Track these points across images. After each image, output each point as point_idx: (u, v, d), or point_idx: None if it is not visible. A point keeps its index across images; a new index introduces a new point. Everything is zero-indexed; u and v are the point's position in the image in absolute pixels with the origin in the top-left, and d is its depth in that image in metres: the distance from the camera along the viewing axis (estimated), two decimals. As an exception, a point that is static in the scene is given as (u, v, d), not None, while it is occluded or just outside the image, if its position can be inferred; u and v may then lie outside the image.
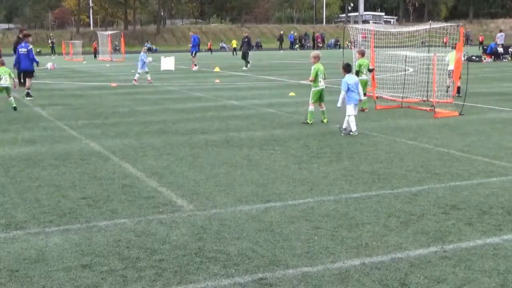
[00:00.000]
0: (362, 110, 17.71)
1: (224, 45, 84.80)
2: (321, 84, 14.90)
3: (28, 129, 14.87)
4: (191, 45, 39.27)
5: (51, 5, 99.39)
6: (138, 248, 6.50)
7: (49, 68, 41.64)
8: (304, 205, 8.07)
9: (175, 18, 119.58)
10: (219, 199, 8.42)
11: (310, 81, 15.07)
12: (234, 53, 65.56)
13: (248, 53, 40.00)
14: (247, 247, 6.50)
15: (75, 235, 6.94)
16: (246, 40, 40.96)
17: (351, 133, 13.53)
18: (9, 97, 18.48)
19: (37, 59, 23.69)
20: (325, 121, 15.18)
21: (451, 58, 20.47)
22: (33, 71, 23.74)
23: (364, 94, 17.96)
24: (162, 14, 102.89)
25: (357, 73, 18.06)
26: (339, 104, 13.85)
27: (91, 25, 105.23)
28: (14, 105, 18.32)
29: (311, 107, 15.05)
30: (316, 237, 6.79)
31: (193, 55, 38.67)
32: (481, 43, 67.79)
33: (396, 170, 10.10)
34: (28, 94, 21.95)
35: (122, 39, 54.65)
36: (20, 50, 22.93)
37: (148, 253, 6.36)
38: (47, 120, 16.56)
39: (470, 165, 10.44)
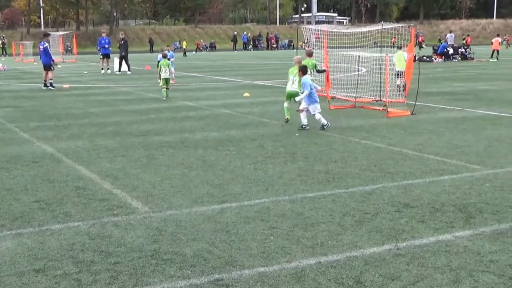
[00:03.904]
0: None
1: (177, 45, 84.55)
2: (289, 86, 14.88)
3: (-23, 131, 14.56)
4: (107, 46, 36.58)
5: (0, 5, 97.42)
6: (92, 251, 6.42)
7: (-2, 69, 40.86)
8: (260, 205, 8.09)
9: (128, 18, 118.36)
10: (175, 200, 8.39)
11: None
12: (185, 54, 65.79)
13: (127, 56, 36.60)
14: (203, 248, 6.49)
15: (27, 239, 6.83)
16: (122, 42, 36.49)
17: (325, 127, 14.18)
18: None
19: (53, 58, 26.96)
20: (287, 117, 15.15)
21: (397, 58, 20.72)
22: (51, 64, 26.39)
23: None
24: (114, 14, 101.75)
25: None
26: (298, 99, 14.28)
27: (42, 26, 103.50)
28: None
29: (285, 104, 15.23)
30: (272, 237, 6.81)
31: (104, 57, 36.50)
32: (420, 43, 69.09)
33: (350, 169, 10.21)
34: (49, 84, 26.09)
35: (74, 39, 53.87)
36: (40, 47, 26.95)
37: (103, 256, 6.30)
38: (-3, 122, 16.24)
39: (422, 163, 10.60)
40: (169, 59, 22.93)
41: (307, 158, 11.16)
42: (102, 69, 36.62)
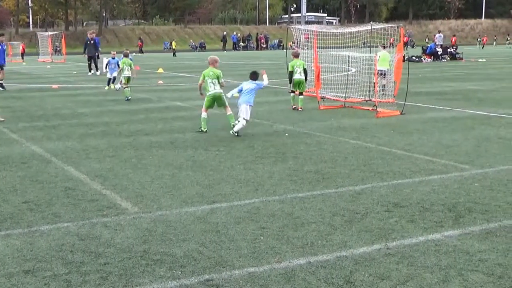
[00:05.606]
0: (297, 108, 17.87)
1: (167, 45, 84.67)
2: (212, 89, 13.79)
3: (-34, 132, 14.48)
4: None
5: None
6: (82, 252, 6.40)
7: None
8: (250, 206, 8.09)
9: (118, 18, 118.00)
10: (164, 201, 8.37)
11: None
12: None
13: (97, 57, 35.52)
14: (193, 248, 6.48)
15: (16, 240, 6.79)
16: (92, 42, 34.88)
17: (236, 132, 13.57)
18: None
19: None
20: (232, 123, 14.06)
21: (381, 57, 20.67)
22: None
23: (301, 94, 18.13)
24: (104, 14, 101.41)
25: (291, 74, 18.24)
26: (230, 95, 14.27)
27: (31, 26, 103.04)
28: None
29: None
30: (262, 237, 6.81)
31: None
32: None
33: (340, 169, 10.22)
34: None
35: (63, 40, 53.69)
36: None
37: (93, 257, 6.28)
38: (-15, 123, 16.14)
39: (412, 163, 10.64)
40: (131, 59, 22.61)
41: (296, 158, 11.17)
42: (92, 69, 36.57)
